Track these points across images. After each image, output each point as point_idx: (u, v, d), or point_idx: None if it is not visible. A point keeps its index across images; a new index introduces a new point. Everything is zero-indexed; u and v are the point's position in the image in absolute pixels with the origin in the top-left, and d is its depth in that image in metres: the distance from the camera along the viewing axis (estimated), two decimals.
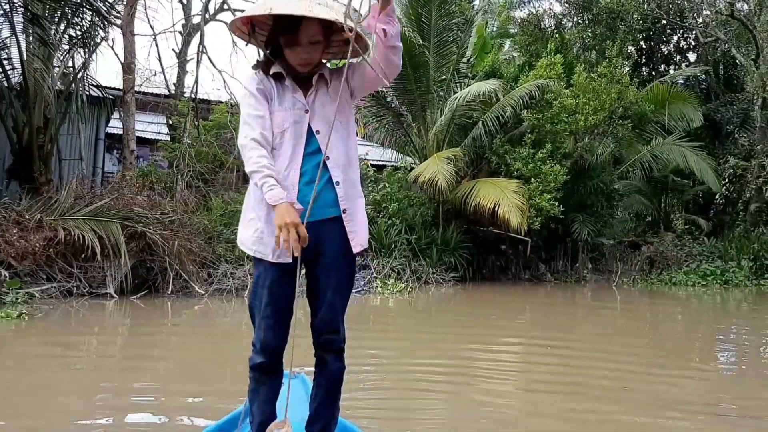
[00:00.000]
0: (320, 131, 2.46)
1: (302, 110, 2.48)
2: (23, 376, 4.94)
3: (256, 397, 2.54)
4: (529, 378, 5.53)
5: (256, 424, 2.52)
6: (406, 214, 13.99)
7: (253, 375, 2.54)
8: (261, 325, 2.49)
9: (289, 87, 2.51)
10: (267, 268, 2.47)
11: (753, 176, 18.27)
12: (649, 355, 6.69)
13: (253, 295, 2.53)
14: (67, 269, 9.43)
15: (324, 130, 2.45)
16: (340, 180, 2.47)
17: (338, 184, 2.46)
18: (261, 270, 2.50)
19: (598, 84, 14.92)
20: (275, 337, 2.49)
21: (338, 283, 2.53)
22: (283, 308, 2.49)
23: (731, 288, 14.77)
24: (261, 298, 2.48)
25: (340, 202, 2.47)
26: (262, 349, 2.49)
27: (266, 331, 2.47)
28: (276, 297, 2.47)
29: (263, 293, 2.47)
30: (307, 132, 2.47)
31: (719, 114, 20.47)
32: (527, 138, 14.35)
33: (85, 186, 11.34)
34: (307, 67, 2.49)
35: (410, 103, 15.40)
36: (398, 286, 12.11)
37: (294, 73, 2.52)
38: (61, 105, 11.91)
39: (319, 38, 2.45)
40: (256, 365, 2.51)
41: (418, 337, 7.59)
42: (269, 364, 2.51)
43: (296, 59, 2.46)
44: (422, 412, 4.25)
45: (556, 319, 9.93)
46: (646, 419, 4.07)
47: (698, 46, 22.49)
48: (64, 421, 3.67)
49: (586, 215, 15.36)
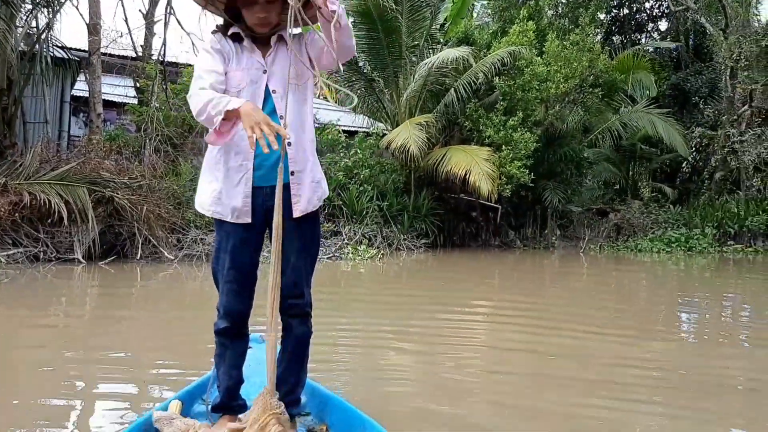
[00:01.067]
0: (276, 91, 2.44)
1: (260, 70, 2.46)
2: None
3: (222, 362, 2.54)
4: (494, 338, 5.64)
5: (223, 388, 2.54)
6: (377, 180, 14.01)
7: (218, 340, 2.54)
8: (224, 290, 2.48)
9: (248, 47, 2.48)
10: (228, 232, 2.46)
11: (719, 145, 18.60)
12: (610, 318, 6.86)
13: (216, 260, 2.51)
14: (33, 234, 9.31)
15: (281, 90, 2.43)
16: (291, 142, 2.43)
17: (289, 145, 2.42)
18: (222, 234, 2.48)
19: (569, 52, 14.97)
20: (239, 302, 2.48)
21: (300, 247, 2.51)
22: (245, 273, 2.48)
23: (695, 255, 15.13)
24: (223, 263, 2.47)
25: (291, 165, 2.44)
26: (225, 314, 2.49)
27: (229, 296, 2.47)
28: (238, 261, 2.46)
29: (225, 258, 2.46)
30: (265, 92, 2.45)
31: (688, 83, 20.72)
32: (499, 105, 14.39)
33: (50, 150, 11.14)
34: (266, 27, 2.46)
35: (382, 68, 15.30)
36: (369, 252, 12.18)
37: (252, 35, 2.49)
38: (24, 66, 11.61)
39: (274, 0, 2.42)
40: (221, 330, 2.51)
41: (388, 300, 7.68)
42: (233, 328, 2.50)
43: (253, 19, 2.43)
44: (392, 371, 4.33)
45: (524, 283, 10.10)
46: (602, 377, 4.19)
47: (670, 14, 22.62)
48: (32, 395, 3.66)
49: (556, 183, 15.54)
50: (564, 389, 3.93)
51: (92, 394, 3.70)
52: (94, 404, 3.49)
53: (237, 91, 2.42)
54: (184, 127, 13.37)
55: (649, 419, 3.43)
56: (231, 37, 2.50)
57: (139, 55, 15.59)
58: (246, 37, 2.49)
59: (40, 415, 3.22)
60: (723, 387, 4.15)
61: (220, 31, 2.53)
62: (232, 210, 2.43)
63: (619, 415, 3.46)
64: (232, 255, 2.46)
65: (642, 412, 3.54)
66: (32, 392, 3.66)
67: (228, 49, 2.48)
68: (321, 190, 2.57)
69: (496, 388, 3.99)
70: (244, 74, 2.45)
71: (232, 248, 2.46)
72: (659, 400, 3.79)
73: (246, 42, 2.49)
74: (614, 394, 3.82)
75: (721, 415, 3.54)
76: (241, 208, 2.41)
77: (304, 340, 2.59)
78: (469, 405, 3.56)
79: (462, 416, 3.31)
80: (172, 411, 2.45)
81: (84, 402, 3.52)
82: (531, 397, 3.74)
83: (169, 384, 3.85)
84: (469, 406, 3.52)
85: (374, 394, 3.64)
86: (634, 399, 3.76)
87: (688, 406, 3.71)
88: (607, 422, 3.33)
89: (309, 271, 2.58)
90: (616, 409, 3.56)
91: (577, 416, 3.42)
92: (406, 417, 3.21)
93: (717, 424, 3.41)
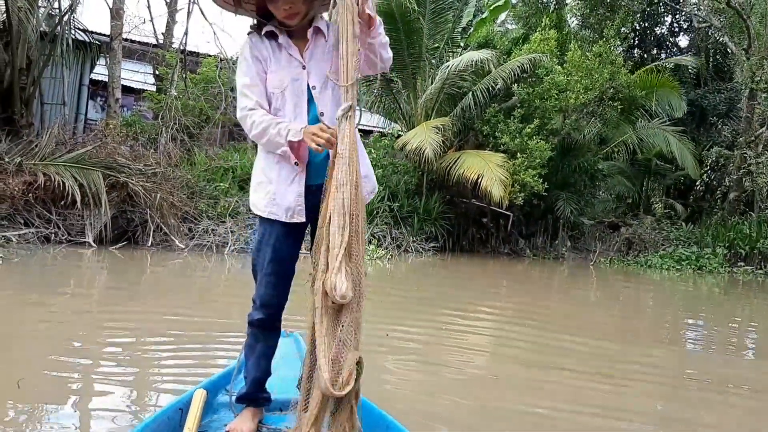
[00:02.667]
0: (316, 87, 2.40)
1: (299, 67, 2.42)
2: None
3: (251, 353, 2.54)
4: (498, 345, 5.61)
5: (250, 379, 2.53)
6: (389, 181, 13.97)
7: (251, 331, 2.53)
8: (262, 282, 2.48)
9: (284, 44, 2.44)
10: (273, 226, 2.45)
11: (735, 166, 18.48)
12: (616, 330, 6.80)
13: (257, 252, 2.51)
14: (45, 215, 9.33)
15: (319, 86, 2.40)
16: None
17: None
18: (267, 227, 2.47)
19: (591, 63, 14.88)
20: (276, 294, 2.48)
21: None
22: (285, 266, 2.48)
23: (705, 274, 15.01)
24: (264, 255, 2.47)
25: None
26: (262, 305, 2.49)
27: (267, 288, 2.47)
28: (279, 254, 2.46)
29: (267, 250, 2.46)
30: (308, 89, 2.41)
31: (706, 101, 20.60)
32: (516, 112, 14.33)
33: (66, 132, 11.17)
34: (295, 18, 2.40)
35: (401, 69, 15.26)
36: (378, 252, 12.14)
37: (288, 29, 2.44)
38: (45, 47, 11.64)
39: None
40: (255, 321, 2.50)
41: (393, 302, 7.64)
42: (268, 320, 2.50)
43: (280, 12, 2.38)
44: (393, 373, 4.29)
45: (531, 293, 10.03)
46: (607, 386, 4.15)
47: (691, 31, 22.50)
48: (36, 370, 3.65)
49: (569, 193, 15.46)
50: (565, 396, 3.90)
51: (96, 374, 3.68)
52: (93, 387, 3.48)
53: (281, 91, 2.39)
54: (202, 117, 13.39)
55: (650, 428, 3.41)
56: (267, 35, 2.46)
57: (160, 43, 15.65)
58: (281, 33, 2.44)
59: (43, 391, 3.21)
60: (726, 395, 4.11)
61: (255, 32, 2.49)
62: (285, 210, 2.41)
63: (621, 423, 3.43)
64: (274, 248, 2.45)
65: (641, 420, 3.51)
66: (35, 369, 3.65)
67: (265, 52, 2.44)
68: (370, 185, 2.54)
69: (496, 394, 3.96)
70: (285, 73, 2.41)
71: (275, 242, 2.45)
72: (660, 410, 3.77)
73: (282, 39, 2.44)
74: (618, 403, 3.77)
75: (721, 425, 3.51)
76: (294, 207, 2.39)
77: None
78: (470, 409, 3.54)
79: (462, 419, 3.29)
80: (197, 400, 2.42)
81: (85, 384, 3.51)
82: (531, 403, 3.72)
83: (170, 368, 3.84)
84: (469, 410, 3.50)
85: (375, 396, 3.58)
86: (634, 409, 3.72)
87: (688, 415, 3.68)
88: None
89: None
90: (619, 418, 3.52)
91: (578, 423, 3.39)
92: (407, 420, 3.16)
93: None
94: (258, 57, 2.43)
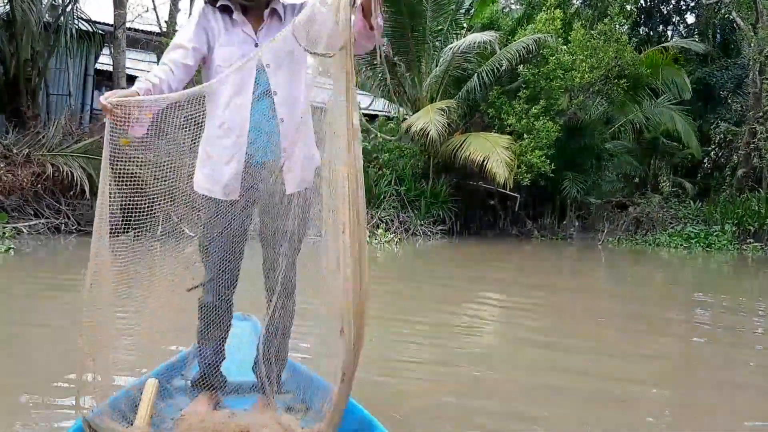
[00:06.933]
0: (270, 65, 2.37)
1: (251, 44, 2.40)
2: (9, 313, 4.96)
3: (205, 338, 2.52)
4: (508, 331, 5.61)
5: (205, 364, 2.52)
6: (396, 165, 13.96)
7: (203, 315, 2.51)
8: (209, 264, 2.45)
9: (238, 21, 2.42)
10: (217, 208, 2.41)
11: (742, 142, 18.36)
12: (623, 313, 6.80)
13: (203, 236, 2.47)
14: (55, 206, 9.38)
15: (273, 65, 2.36)
16: (284, 118, 2.37)
17: (282, 121, 2.37)
18: (211, 209, 2.42)
19: (596, 42, 14.77)
20: (224, 277, 2.46)
21: (292, 224, 2.45)
22: (233, 249, 2.46)
23: (714, 251, 14.97)
24: (210, 238, 2.43)
25: (282, 140, 2.39)
26: (211, 289, 2.47)
27: (214, 270, 2.44)
28: (225, 237, 2.42)
29: (212, 233, 2.42)
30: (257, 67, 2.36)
31: (714, 78, 20.42)
32: (522, 93, 14.26)
33: (74, 122, 11.19)
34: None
35: (405, 52, 15.19)
36: (386, 236, 12.17)
37: (244, 5, 2.42)
38: (49, 38, 11.64)
39: None
40: (206, 305, 2.49)
41: (401, 289, 7.66)
42: (219, 304, 2.49)
43: None
44: (402, 364, 4.28)
45: (540, 275, 10.04)
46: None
47: (698, 7, 22.26)
48: (44, 372, 3.67)
49: (576, 173, 15.42)
50: (575, 388, 3.87)
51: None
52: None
53: (228, 65, 2.34)
54: None
55: (658, 416, 3.41)
56: (221, 9, 2.44)
57: (163, 31, 15.61)
58: (236, 9, 2.42)
59: (52, 383, 3.24)
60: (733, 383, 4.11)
61: (210, 4, 2.46)
62: (223, 187, 2.38)
63: (632, 411, 3.44)
64: (220, 231, 2.41)
65: (648, 407, 3.53)
66: (43, 361, 3.69)
67: (215, 24, 2.42)
68: (317, 165, 2.48)
69: (507, 387, 3.86)
70: (235, 48, 2.39)
71: (220, 224, 2.41)
72: (667, 394, 3.79)
73: (236, 15, 2.42)
74: (627, 392, 3.78)
75: (732, 410, 3.51)
76: (231, 185, 2.37)
77: (289, 318, 2.55)
78: (479, 402, 3.44)
79: (472, 412, 3.24)
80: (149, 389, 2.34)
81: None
82: (542, 397, 3.61)
83: None
84: (478, 403, 3.41)
85: (383, 389, 3.53)
86: (644, 397, 3.74)
87: (695, 401, 3.69)
88: (622, 419, 3.31)
89: (297, 249, 2.50)
90: (630, 406, 3.53)
91: (587, 416, 3.39)
92: (416, 413, 3.15)
93: (727, 419, 3.38)
94: (205, 27, 2.41)
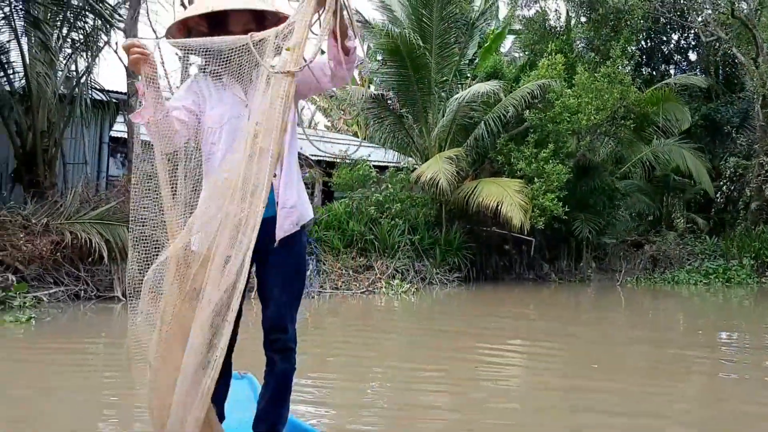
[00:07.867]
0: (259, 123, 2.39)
1: (242, 105, 2.49)
2: (31, 380, 4.97)
3: None
4: (528, 380, 5.53)
5: None
6: (408, 214, 14.02)
7: None
8: None
9: (228, 84, 2.52)
10: None
11: (753, 175, 18.35)
12: (647, 360, 6.72)
13: None
14: (74, 273, 9.46)
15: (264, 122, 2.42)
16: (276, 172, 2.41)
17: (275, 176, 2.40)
18: None
19: (600, 84, 14.95)
20: None
21: (284, 281, 2.49)
22: None
23: (733, 286, 14.80)
24: None
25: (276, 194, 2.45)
26: None
27: None
28: None
29: None
30: None
31: (719, 114, 20.53)
32: (530, 138, 14.38)
33: (90, 190, 11.36)
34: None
35: (412, 104, 15.42)
36: (402, 286, 12.15)
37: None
38: (64, 109, 11.91)
39: (250, 27, 2.44)
40: None
41: (420, 337, 7.62)
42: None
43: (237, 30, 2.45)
44: (422, 411, 4.24)
45: (559, 320, 9.95)
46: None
47: (698, 46, 22.52)
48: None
49: (589, 214, 15.39)
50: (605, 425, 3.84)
51: None
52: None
53: (219, 126, 2.46)
54: None
55: None
56: (212, 74, 2.53)
57: None
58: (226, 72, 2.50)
59: None
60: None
61: (202, 73, 2.58)
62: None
63: None
64: None
65: None
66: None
67: (206, 91, 2.52)
68: (296, 215, 2.52)
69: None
70: (226, 109, 2.48)
71: None
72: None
73: (225, 78, 2.52)
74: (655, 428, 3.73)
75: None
76: None
77: (287, 375, 2.54)
78: None
79: None
80: None
81: None
82: None
83: None
84: None
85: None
86: None
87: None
88: None
89: (292, 304, 2.53)
90: None
91: None
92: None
93: None
94: (196, 92, 2.53)
